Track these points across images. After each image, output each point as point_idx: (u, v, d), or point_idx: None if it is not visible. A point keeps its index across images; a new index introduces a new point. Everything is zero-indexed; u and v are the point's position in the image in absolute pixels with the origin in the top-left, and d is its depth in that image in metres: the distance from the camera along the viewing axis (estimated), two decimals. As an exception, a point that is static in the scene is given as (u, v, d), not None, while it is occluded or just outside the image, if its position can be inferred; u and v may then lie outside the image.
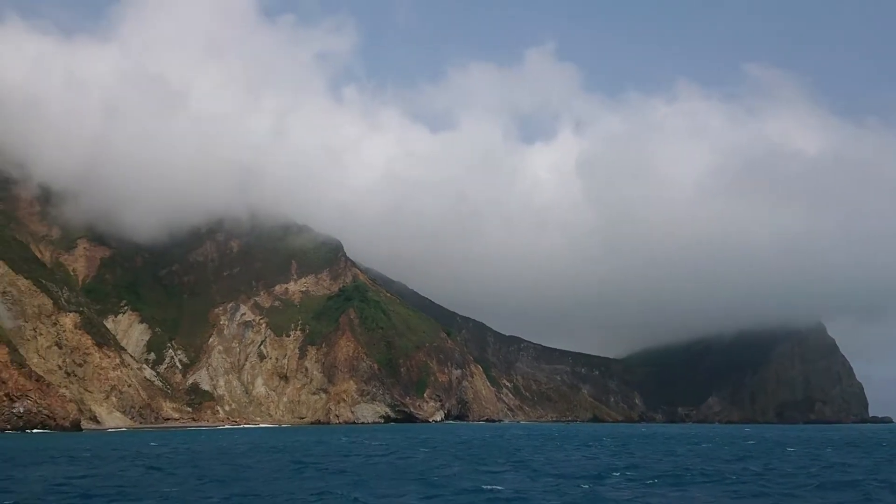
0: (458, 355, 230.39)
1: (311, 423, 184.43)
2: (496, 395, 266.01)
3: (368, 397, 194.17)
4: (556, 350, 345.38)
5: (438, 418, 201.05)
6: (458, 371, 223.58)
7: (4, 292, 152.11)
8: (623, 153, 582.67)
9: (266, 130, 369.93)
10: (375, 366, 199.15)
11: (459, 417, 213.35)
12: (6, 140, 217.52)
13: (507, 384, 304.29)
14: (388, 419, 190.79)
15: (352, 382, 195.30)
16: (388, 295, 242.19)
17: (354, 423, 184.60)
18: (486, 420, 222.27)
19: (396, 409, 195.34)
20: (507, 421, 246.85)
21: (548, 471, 45.64)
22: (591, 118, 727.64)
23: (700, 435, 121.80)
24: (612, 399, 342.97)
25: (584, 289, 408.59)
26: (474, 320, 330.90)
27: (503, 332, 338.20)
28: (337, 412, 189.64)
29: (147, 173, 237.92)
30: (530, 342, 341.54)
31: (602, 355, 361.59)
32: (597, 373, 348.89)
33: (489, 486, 36.64)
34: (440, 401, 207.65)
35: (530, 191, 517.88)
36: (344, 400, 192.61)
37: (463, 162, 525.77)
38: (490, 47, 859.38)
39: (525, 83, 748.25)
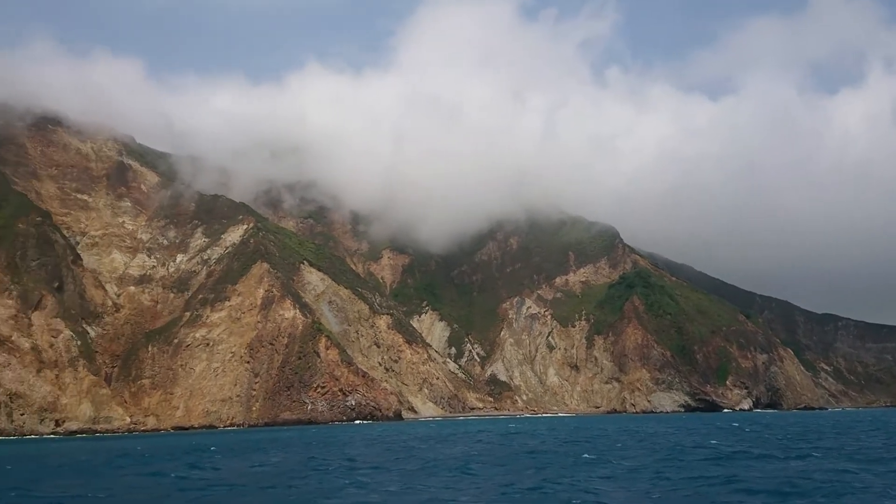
0: (761, 338, 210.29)
1: (607, 412, 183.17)
2: (813, 381, 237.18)
3: (664, 385, 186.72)
4: (884, 326, 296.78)
5: (746, 406, 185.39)
6: (764, 356, 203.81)
7: (330, 301, 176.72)
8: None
9: (536, 129, 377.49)
10: (668, 353, 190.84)
11: (771, 405, 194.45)
12: (320, 176, 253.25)
13: (826, 368, 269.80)
14: (688, 408, 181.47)
15: (644, 371, 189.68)
16: (674, 279, 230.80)
17: (652, 411, 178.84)
18: (804, 408, 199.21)
19: (696, 397, 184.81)
20: (829, 408, 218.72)
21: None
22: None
23: None
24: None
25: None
26: (777, 299, 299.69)
27: (815, 311, 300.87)
28: (632, 401, 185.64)
29: (433, 189, 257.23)
30: (850, 319, 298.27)
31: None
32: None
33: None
34: (746, 388, 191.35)
35: (840, 147, 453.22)
36: (638, 389, 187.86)
37: (751, 127, 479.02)
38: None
39: (815, 27, 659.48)
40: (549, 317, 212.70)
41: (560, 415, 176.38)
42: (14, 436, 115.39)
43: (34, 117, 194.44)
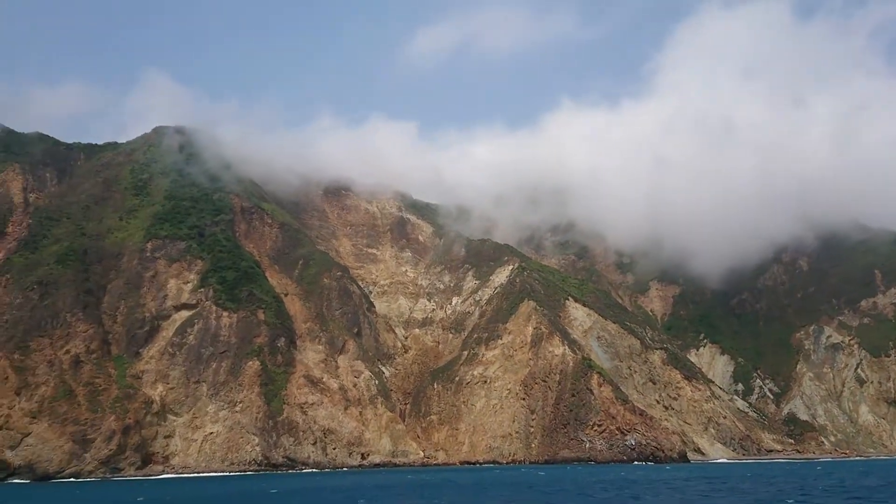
0: None
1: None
2: None
3: None
4: None
5: None
6: None
7: (599, 336, 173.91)
8: None
9: (823, 137, 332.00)
10: None
11: None
12: (581, 215, 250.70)
13: None
14: None
15: None
16: None
17: None
18: None
19: None
20: None
21: None
22: None
23: None
24: None
25: None
26: None
27: None
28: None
29: (703, 215, 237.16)
30: None
31: None
32: None
33: None
34: None
35: None
36: None
37: None
38: None
39: None
40: (855, 346, 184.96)
41: (880, 458, 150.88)
42: (328, 468, 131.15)
43: (328, 185, 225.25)
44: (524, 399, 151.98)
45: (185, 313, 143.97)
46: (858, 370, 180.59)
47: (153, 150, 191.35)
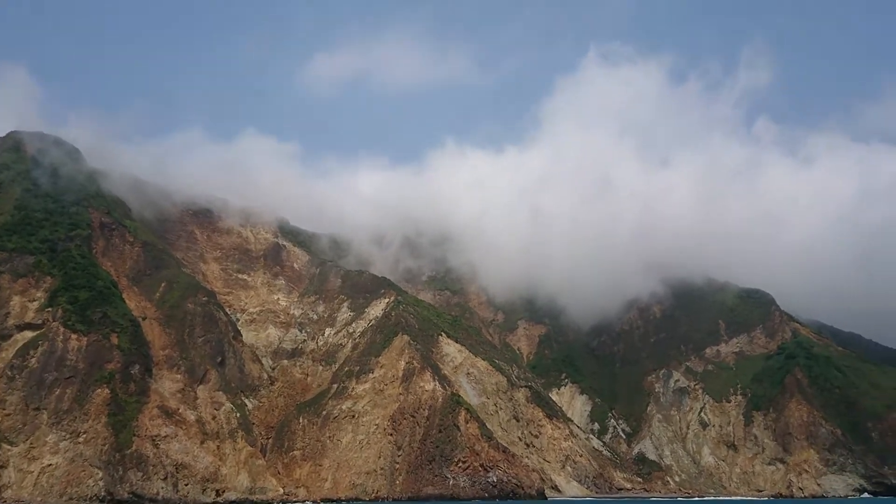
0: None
1: (772, 497, 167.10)
2: None
3: (836, 468, 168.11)
4: None
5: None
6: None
7: (468, 373, 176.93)
8: None
9: (687, 198, 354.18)
10: (838, 431, 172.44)
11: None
12: (458, 258, 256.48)
13: None
14: (863, 493, 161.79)
15: (812, 451, 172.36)
16: (842, 350, 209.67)
17: (823, 496, 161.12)
18: None
19: (873, 480, 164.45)
20: None
21: None
22: None
23: None
24: None
25: None
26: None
27: None
28: (800, 484, 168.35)
29: (572, 258, 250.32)
30: None
31: None
32: None
33: None
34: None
35: None
36: (806, 471, 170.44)
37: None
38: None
39: None
40: (700, 391, 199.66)
41: (719, 498, 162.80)
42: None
43: (198, 204, 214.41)
44: (391, 434, 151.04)
45: (28, 334, 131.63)
46: (702, 414, 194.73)
47: (4, 155, 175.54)
